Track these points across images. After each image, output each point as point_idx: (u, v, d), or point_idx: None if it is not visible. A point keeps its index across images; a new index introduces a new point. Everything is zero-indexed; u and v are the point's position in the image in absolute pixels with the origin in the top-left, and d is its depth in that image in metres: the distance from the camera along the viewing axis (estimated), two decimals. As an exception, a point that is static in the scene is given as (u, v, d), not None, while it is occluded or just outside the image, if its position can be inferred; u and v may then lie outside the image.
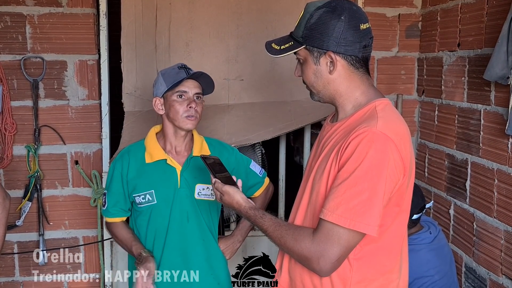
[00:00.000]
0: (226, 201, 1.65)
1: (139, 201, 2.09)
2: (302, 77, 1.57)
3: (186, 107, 2.04)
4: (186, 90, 2.05)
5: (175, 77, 2.05)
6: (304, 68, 1.54)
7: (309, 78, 1.54)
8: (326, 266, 1.38)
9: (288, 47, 1.53)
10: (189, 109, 2.04)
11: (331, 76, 1.50)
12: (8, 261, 2.90)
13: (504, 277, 2.29)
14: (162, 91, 2.08)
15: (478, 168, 2.48)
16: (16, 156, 2.82)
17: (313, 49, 1.49)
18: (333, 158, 1.43)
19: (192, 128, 2.08)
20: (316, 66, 1.50)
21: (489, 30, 2.38)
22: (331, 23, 1.44)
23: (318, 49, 1.48)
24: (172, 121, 2.08)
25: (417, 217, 2.34)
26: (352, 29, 1.45)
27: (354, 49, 1.47)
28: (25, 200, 2.82)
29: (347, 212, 1.34)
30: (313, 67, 1.51)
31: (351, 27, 1.45)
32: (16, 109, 2.79)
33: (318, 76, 1.52)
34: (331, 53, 1.47)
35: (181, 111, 2.04)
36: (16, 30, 2.74)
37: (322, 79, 1.52)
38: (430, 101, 2.97)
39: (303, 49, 1.51)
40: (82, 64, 2.83)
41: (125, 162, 2.12)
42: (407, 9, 3.05)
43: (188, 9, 2.79)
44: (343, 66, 1.49)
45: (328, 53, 1.47)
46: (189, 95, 2.06)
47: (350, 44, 1.46)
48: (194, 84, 2.08)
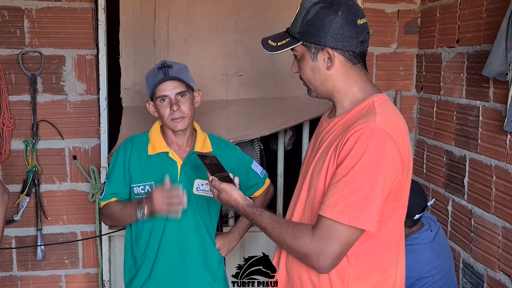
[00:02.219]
0: (223, 199, 1.64)
1: (138, 192, 2.08)
2: (299, 73, 1.57)
3: (170, 110, 2.02)
4: (165, 93, 2.02)
5: (153, 81, 2.03)
6: (302, 65, 1.53)
7: (306, 74, 1.53)
8: (326, 263, 1.38)
9: (285, 43, 1.52)
10: (172, 113, 2.02)
11: (329, 72, 1.50)
12: (6, 255, 2.90)
13: (501, 273, 2.29)
14: (150, 96, 2.10)
15: (476, 164, 2.48)
16: (14, 150, 2.82)
17: (311, 45, 1.48)
18: (331, 154, 1.43)
19: (182, 128, 2.06)
20: (313, 62, 1.50)
21: (488, 26, 2.38)
22: (328, 18, 1.44)
23: (316, 45, 1.47)
24: (163, 123, 2.10)
25: (418, 217, 2.34)
26: (349, 24, 1.45)
27: (352, 44, 1.46)
28: (23, 195, 2.82)
29: (346, 209, 1.34)
30: (310, 63, 1.51)
31: (348, 22, 1.44)
32: (14, 103, 2.79)
33: (315, 72, 1.51)
34: (328, 49, 1.46)
35: (166, 115, 2.03)
36: (14, 25, 2.73)
37: (320, 75, 1.51)
38: (428, 97, 2.97)
39: (300, 45, 1.50)
40: (80, 59, 2.82)
41: (127, 150, 2.12)
42: (406, 5, 3.05)
43: (187, 4, 2.79)
44: (341, 62, 1.49)
45: (326, 49, 1.46)
46: (170, 97, 2.02)
47: (347, 39, 1.45)
48: (174, 84, 2.02)
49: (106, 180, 2.15)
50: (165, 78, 2.00)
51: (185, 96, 2.05)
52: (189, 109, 2.05)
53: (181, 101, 2.03)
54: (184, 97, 2.04)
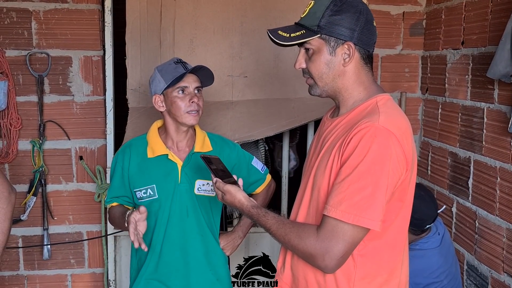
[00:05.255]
0: (228, 200, 1.64)
1: (140, 196, 2.09)
2: (308, 68, 1.53)
3: (189, 102, 2.03)
4: (186, 85, 2.04)
5: (173, 73, 2.03)
6: (315, 58, 1.50)
7: (319, 68, 1.50)
8: (332, 263, 1.38)
9: (299, 35, 1.49)
10: (191, 104, 2.03)
11: (344, 68, 1.49)
12: (13, 255, 2.92)
13: (506, 275, 2.29)
14: (161, 88, 2.05)
15: (480, 166, 2.48)
16: (21, 151, 2.84)
17: (331, 39, 1.47)
18: (335, 153, 1.43)
19: (195, 123, 2.07)
20: (330, 57, 1.49)
21: (493, 28, 2.38)
22: (354, 15, 1.45)
23: (337, 39, 1.46)
24: (174, 117, 2.07)
25: (429, 226, 2.33)
26: (370, 23, 1.47)
27: (370, 43, 1.49)
28: (30, 195, 2.84)
29: (351, 208, 1.34)
30: (327, 57, 1.49)
31: (368, 21, 1.47)
32: (21, 104, 2.81)
33: (330, 67, 1.50)
34: (351, 43, 1.46)
35: (184, 106, 2.03)
36: (22, 26, 2.76)
37: (334, 71, 1.50)
38: (433, 99, 2.97)
39: (317, 38, 1.48)
40: (87, 60, 2.84)
41: (126, 156, 2.13)
42: (412, 7, 3.05)
43: (193, 5, 2.80)
44: (356, 60, 1.49)
45: (348, 43, 1.46)
46: (190, 90, 2.05)
47: (368, 38, 1.47)
48: (194, 78, 2.07)
49: (110, 185, 2.20)
50: (188, 71, 2.04)
51: (200, 92, 2.10)
52: (202, 105, 2.09)
53: (198, 96, 2.07)
54: (199, 93, 2.09)
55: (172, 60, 2.10)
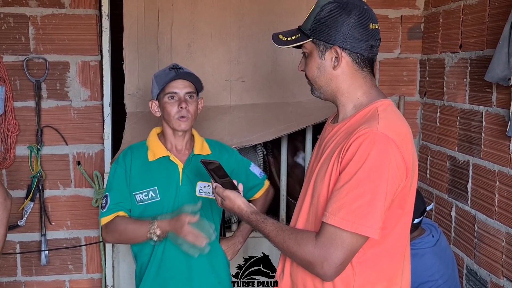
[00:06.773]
0: (227, 206, 1.64)
1: (141, 199, 2.08)
2: (305, 71, 1.57)
3: (178, 107, 2.04)
4: (176, 91, 2.06)
5: (165, 79, 2.06)
6: (309, 61, 1.53)
7: (312, 72, 1.53)
8: (330, 270, 1.37)
9: (295, 39, 1.53)
10: (180, 110, 2.04)
11: (335, 72, 1.50)
12: (10, 261, 2.91)
13: (505, 279, 2.28)
14: (155, 94, 2.11)
15: (479, 169, 2.48)
16: (19, 156, 2.83)
17: (320, 43, 1.48)
18: (335, 160, 1.42)
19: (186, 129, 2.08)
20: (320, 60, 1.50)
21: (490, 31, 2.38)
22: (341, 18, 1.44)
23: (325, 43, 1.47)
24: (167, 122, 2.10)
25: (418, 221, 2.34)
26: (361, 27, 1.45)
27: (361, 47, 1.47)
28: (27, 200, 2.83)
29: (349, 215, 1.33)
30: (317, 61, 1.51)
31: (360, 24, 1.45)
32: (19, 109, 2.81)
33: (321, 70, 1.51)
34: (337, 47, 1.46)
35: (173, 112, 2.05)
36: (19, 31, 2.75)
37: (325, 74, 1.51)
38: (432, 102, 2.96)
39: (309, 42, 1.51)
40: (84, 65, 2.84)
41: (127, 159, 2.13)
42: (410, 10, 3.05)
43: (190, 10, 2.80)
44: (348, 63, 1.49)
45: (334, 47, 1.47)
46: (179, 95, 2.06)
47: (357, 41, 1.46)
48: (185, 83, 2.08)
49: (108, 193, 2.10)
50: (178, 76, 2.05)
51: (193, 97, 2.09)
52: (194, 110, 2.09)
53: (188, 101, 2.07)
54: (192, 98, 2.09)
55: (169, 66, 2.12)
